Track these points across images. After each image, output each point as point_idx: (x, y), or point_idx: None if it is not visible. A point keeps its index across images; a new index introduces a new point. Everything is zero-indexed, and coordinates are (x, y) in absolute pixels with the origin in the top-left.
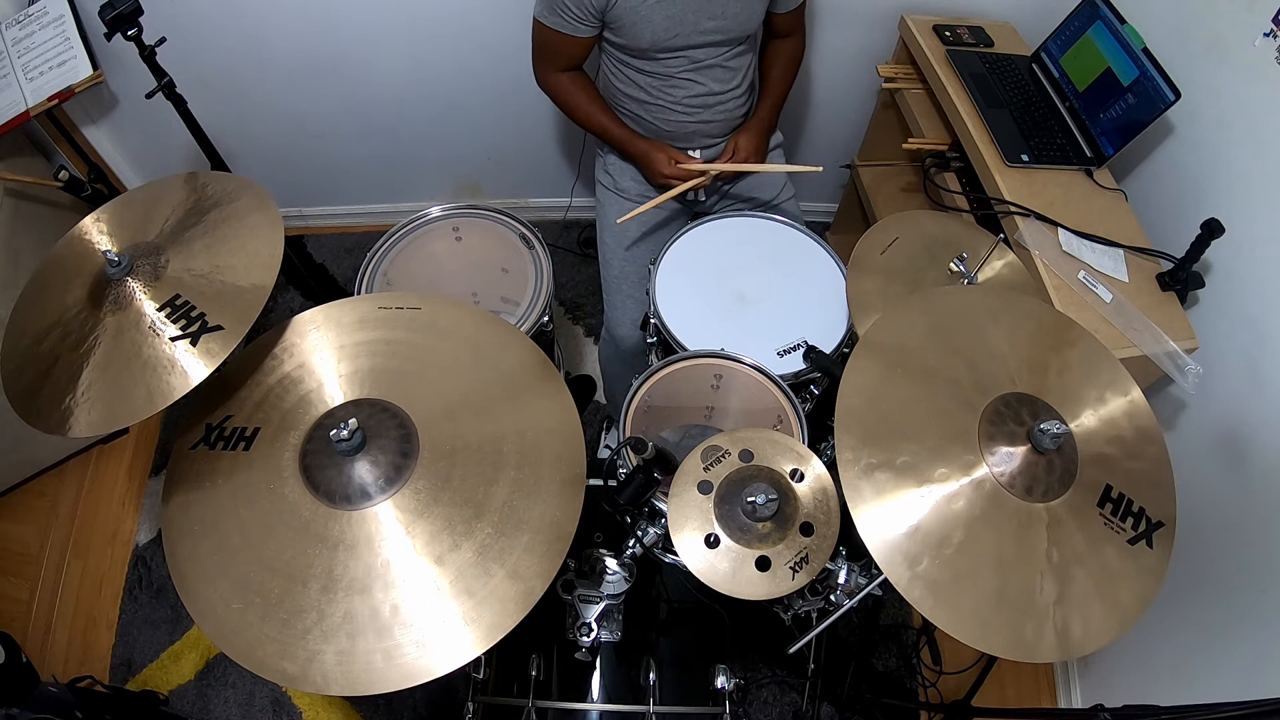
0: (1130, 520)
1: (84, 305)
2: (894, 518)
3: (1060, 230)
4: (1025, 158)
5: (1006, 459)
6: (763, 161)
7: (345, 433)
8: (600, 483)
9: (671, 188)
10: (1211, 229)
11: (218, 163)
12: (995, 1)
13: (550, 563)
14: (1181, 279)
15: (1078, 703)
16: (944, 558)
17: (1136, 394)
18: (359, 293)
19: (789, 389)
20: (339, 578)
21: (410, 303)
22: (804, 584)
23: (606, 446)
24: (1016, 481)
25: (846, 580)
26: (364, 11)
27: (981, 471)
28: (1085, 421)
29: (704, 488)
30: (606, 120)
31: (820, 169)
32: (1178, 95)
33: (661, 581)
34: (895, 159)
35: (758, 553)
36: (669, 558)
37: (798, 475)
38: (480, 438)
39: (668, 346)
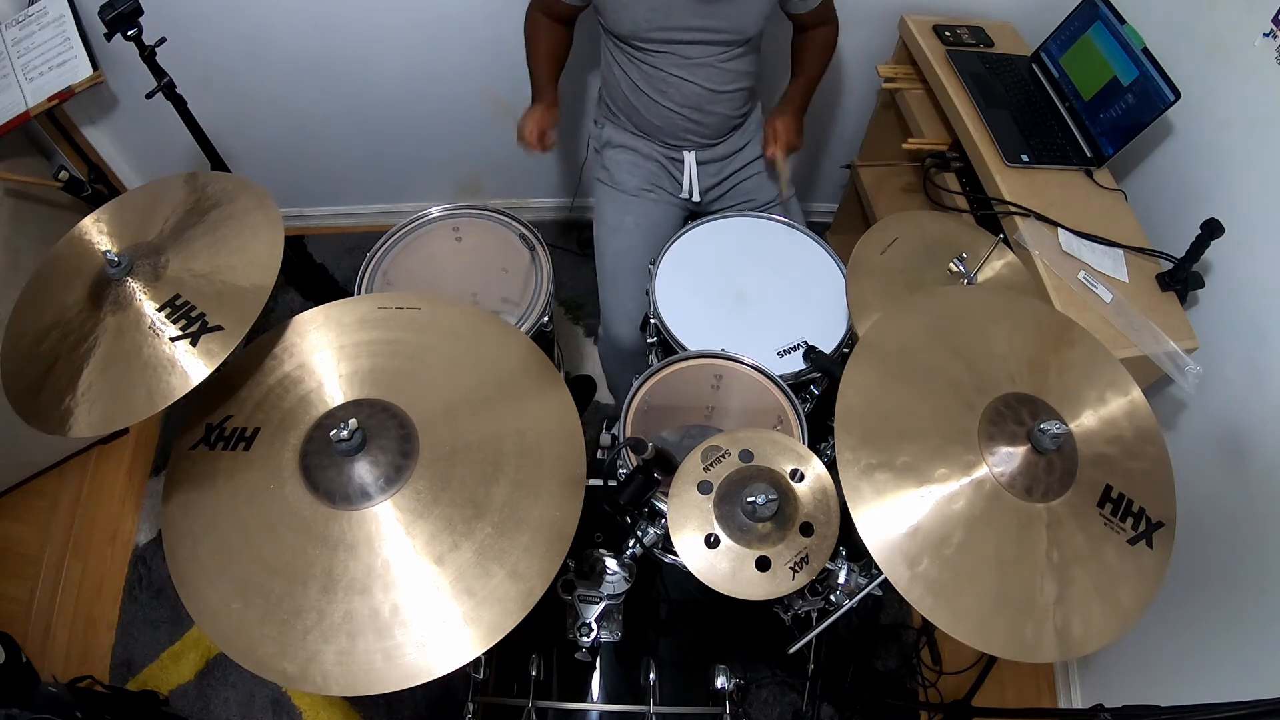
0: (1130, 520)
1: (84, 305)
2: (894, 518)
3: (1060, 230)
4: (1025, 158)
5: (1006, 459)
6: (800, 139)
7: (345, 433)
8: (600, 483)
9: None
10: (1211, 229)
11: (218, 163)
12: (995, 1)
13: (550, 563)
14: (1181, 279)
15: (1078, 703)
16: (944, 558)
17: (1137, 394)
18: (359, 293)
19: (789, 389)
20: (339, 578)
21: (410, 303)
22: (804, 584)
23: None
24: (1016, 482)
25: (846, 580)
26: (364, 12)
27: (981, 471)
28: (1085, 421)
29: (704, 488)
30: (541, 70)
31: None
32: (1178, 95)
33: (661, 581)
34: (895, 159)
35: (758, 553)
36: (669, 558)
37: (798, 475)
38: (480, 438)
39: (668, 346)
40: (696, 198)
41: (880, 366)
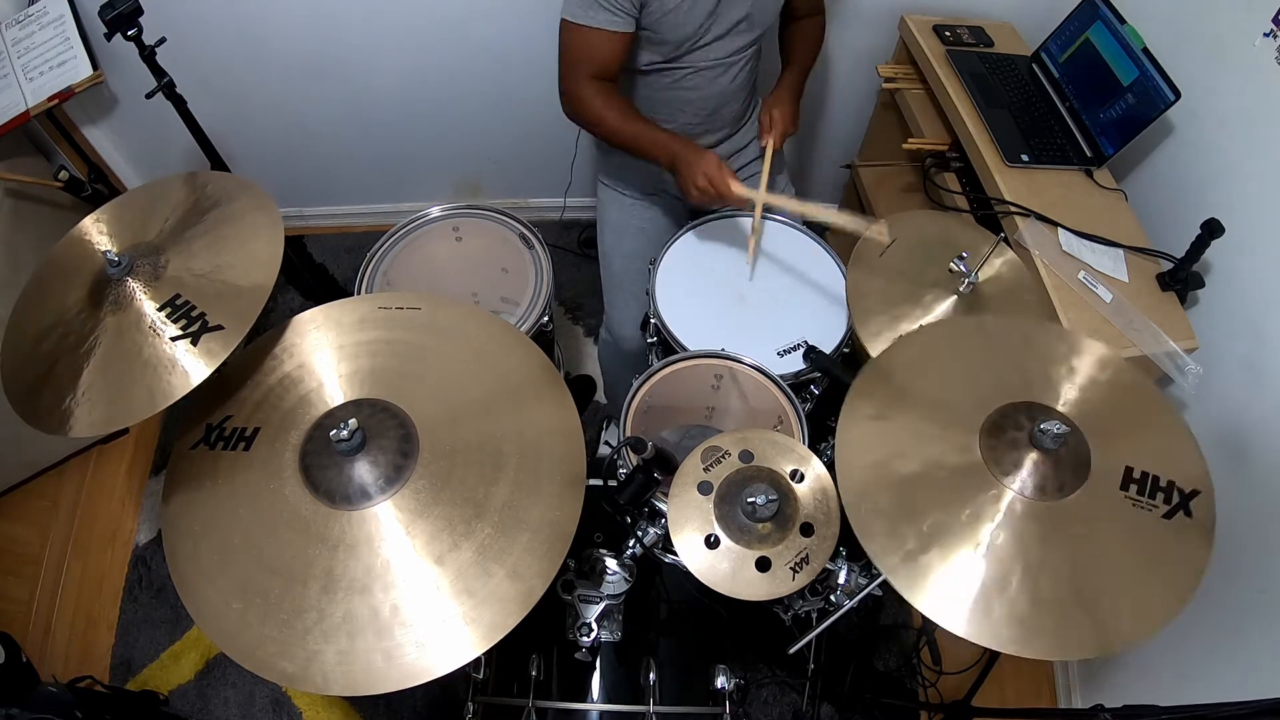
0: (1160, 495)
1: (84, 305)
2: (954, 587)
3: (1060, 230)
4: (1025, 158)
5: (1022, 473)
6: (796, 125)
7: (345, 433)
8: (600, 483)
9: (708, 195)
10: (1211, 229)
11: (218, 163)
12: (995, 1)
13: (550, 563)
14: (1181, 279)
15: (1078, 703)
16: (1013, 596)
17: (1099, 349)
18: (359, 293)
19: (789, 389)
20: (339, 578)
21: (410, 303)
22: (804, 584)
23: (606, 444)
24: (1027, 485)
25: (846, 580)
26: (364, 12)
27: (1008, 498)
28: (1067, 396)
29: (704, 488)
30: (650, 133)
31: (886, 238)
32: (1178, 95)
33: (661, 581)
34: (895, 159)
35: (758, 553)
36: (669, 558)
37: (798, 476)
38: (480, 438)
39: (668, 346)
40: None
41: (872, 442)
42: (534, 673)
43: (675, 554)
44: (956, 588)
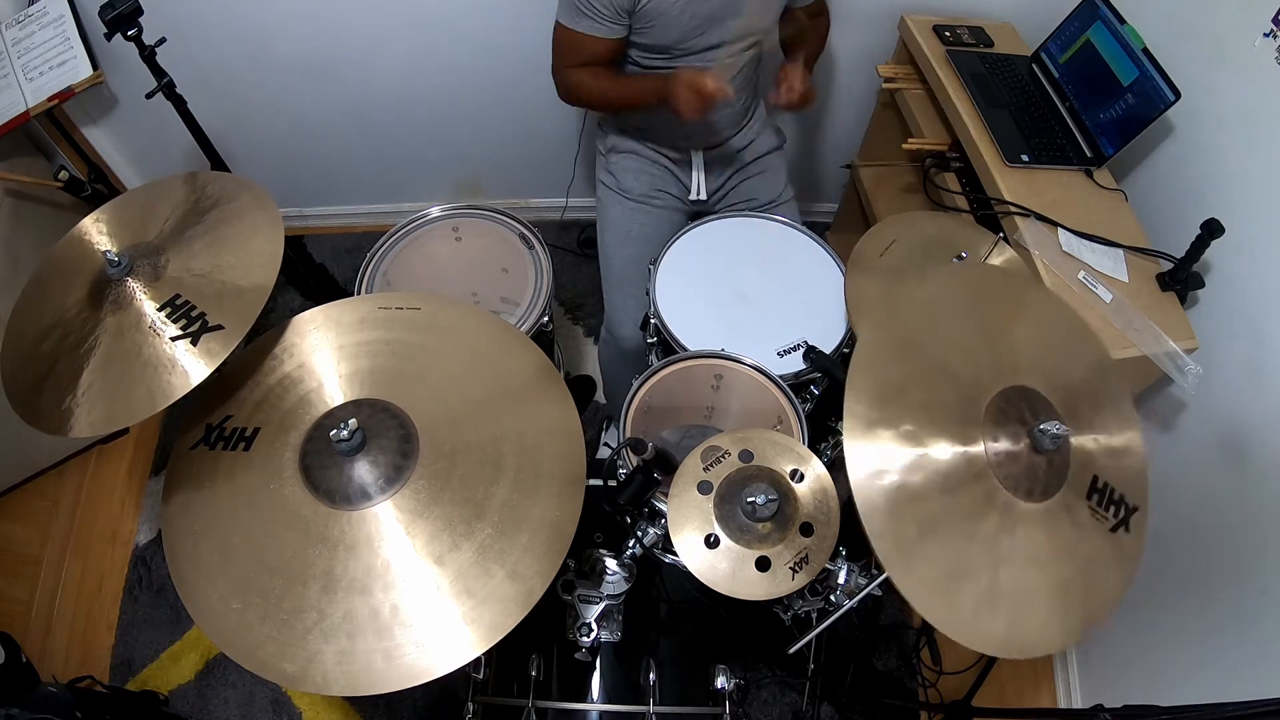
0: (1113, 509)
1: (84, 305)
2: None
3: (1060, 230)
4: (1025, 158)
5: (1009, 457)
6: (812, 91)
7: (345, 433)
8: (600, 483)
9: (700, 102)
10: (1211, 229)
11: (218, 163)
12: (995, 1)
13: (550, 563)
14: (1181, 279)
15: (1078, 702)
16: (919, 519)
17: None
18: (359, 293)
19: (789, 389)
20: (339, 578)
21: (410, 303)
22: (804, 584)
23: (606, 445)
24: (1020, 484)
25: (846, 580)
26: (364, 12)
27: (978, 450)
28: (1086, 427)
29: (704, 488)
30: (636, 83)
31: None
32: (1178, 95)
33: (661, 581)
34: (895, 159)
35: (758, 553)
36: (669, 558)
37: (798, 476)
38: (480, 438)
39: (668, 346)
40: (703, 196)
41: (902, 327)
42: (534, 673)
43: (675, 554)
44: (946, 583)
